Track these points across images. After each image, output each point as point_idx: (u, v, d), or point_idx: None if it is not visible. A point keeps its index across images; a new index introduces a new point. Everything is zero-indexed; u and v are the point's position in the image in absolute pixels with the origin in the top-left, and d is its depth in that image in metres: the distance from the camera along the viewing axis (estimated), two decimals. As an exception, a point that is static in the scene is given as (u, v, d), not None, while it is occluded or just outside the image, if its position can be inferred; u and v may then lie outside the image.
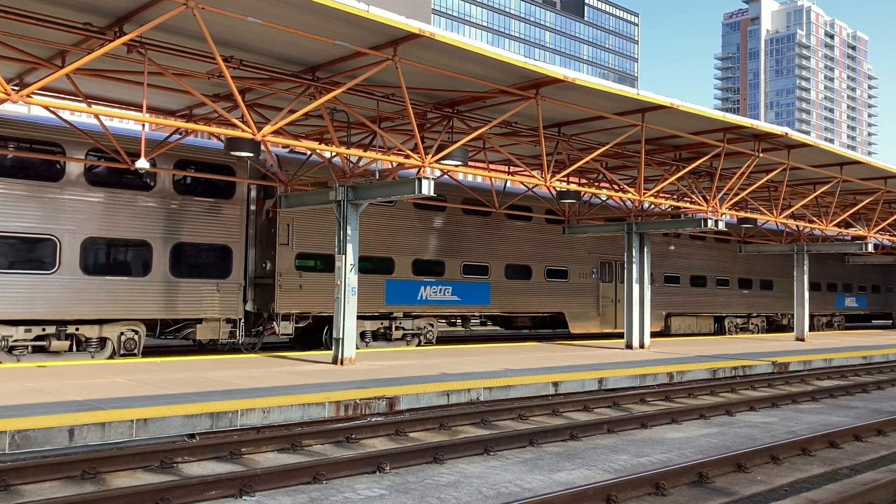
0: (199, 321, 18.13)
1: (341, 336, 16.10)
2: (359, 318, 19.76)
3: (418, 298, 21.97)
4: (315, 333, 21.10)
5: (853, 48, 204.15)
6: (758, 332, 34.49)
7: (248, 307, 19.43)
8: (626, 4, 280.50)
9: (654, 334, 30.06)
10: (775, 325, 36.73)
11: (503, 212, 23.79)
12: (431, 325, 22.41)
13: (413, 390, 12.37)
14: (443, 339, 26.51)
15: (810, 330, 36.48)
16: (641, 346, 23.05)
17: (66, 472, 7.83)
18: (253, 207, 19.72)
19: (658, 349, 22.87)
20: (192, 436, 9.70)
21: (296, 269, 19.54)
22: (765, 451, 9.17)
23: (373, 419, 11.17)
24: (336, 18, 11.76)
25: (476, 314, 23.70)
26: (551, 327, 27.75)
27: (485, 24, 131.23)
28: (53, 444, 8.73)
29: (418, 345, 21.95)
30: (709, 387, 15.43)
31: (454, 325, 24.91)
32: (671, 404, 13.89)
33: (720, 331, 32.83)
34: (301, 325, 20.04)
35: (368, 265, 20.91)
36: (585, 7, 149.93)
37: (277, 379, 13.40)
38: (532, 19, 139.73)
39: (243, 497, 7.36)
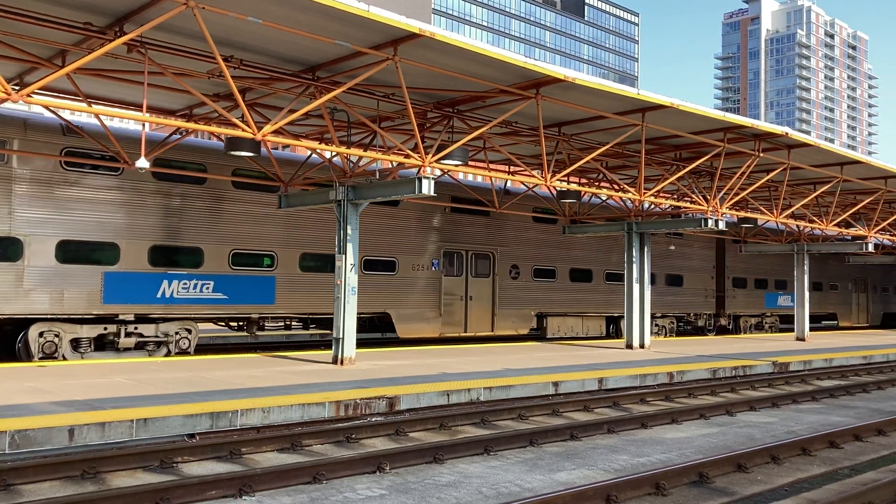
0: None
1: (341, 336, 16.11)
2: (65, 321, 16.30)
3: (159, 296, 17.40)
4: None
5: (853, 48, 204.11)
6: (664, 336, 29.78)
7: None
8: (627, 4, 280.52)
9: (526, 336, 27.29)
10: (691, 327, 32.20)
11: (301, 186, 18.59)
12: (189, 331, 17.93)
13: (413, 390, 12.37)
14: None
15: (735, 332, 33.55)
16: (641, 346, 23.04)
17: (65, 471, 7.82)
18: None
19: (658, 349, 22.87)
20: (192, 436, 9.70)
21: None
22: (765, 451, 9.17)
23: (373, 419, 11.17)
24: (336, 18, 11.76)
25: (255, 315, 18.98)
26: (380, 330, 23.19)
27: (485, 23, 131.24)
28: (53, 444, 8.73)
29: (166, 355, 17.56)
30: (709, 387, 15.42)
31: (241, 328, 19.83)
32: (671, 404, 13.89)
33: (616, 333, 28.29)
34: None
35: (80, 252, 16.53)
36: (585, 7, 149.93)
37: (277, 379, 13.40)
38: (532, 19, 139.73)
39: (243, 497, 7.35)
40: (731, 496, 7.76)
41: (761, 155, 20.21)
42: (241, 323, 19.68)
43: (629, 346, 23.05)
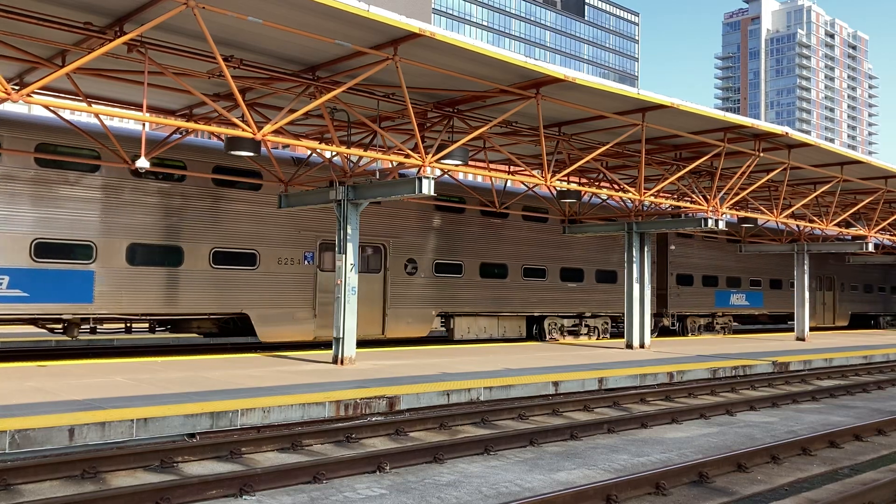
0: None
1: (341, 336, 16.11)
2: None
3: None
4: None
5: (853, 48, 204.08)
6: (597, 338, 27.01)
7: None
8: (627, 4, 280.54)
9: (425, 339, 24.64)
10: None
11: (122, 165, 16.45)
12: None
13: (413, 390, 12.37)
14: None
15: (682, 334, 30.65)
16: (641, 345, 23.05)
17: (65, 471, 7.82)
18: None
19: (658, 349, 22.86)
20: (192, 435, 9.70)
21: None
22: (765, 450, 9.17)
23: (373, 419, 11.18)
24: (336, 18, 11.76)
25: (67, 316, 16.17)
26: (242, 333, 19.93)
27: (485, 23, 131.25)
28: (53, 444, 8.73)
29: None
30: (709, 386, 15.42)
31: (61, 330, 16.95)
32: (671, 404, 13.89)
33: (539, 335, 25.44)
34: None
35: None
36: (586, 6, 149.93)
37: (277, 378, 13.40)
38: (532, 19, 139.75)
39: (243, 496, 7.35)
40: (731, 496, 7.76)
41: (761, 155, 20.21)
42: (56, 325, 16.76)
43: (629, 345, 23.05)
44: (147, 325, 19.01)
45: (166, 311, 17.33)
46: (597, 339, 26.86)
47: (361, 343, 21.88)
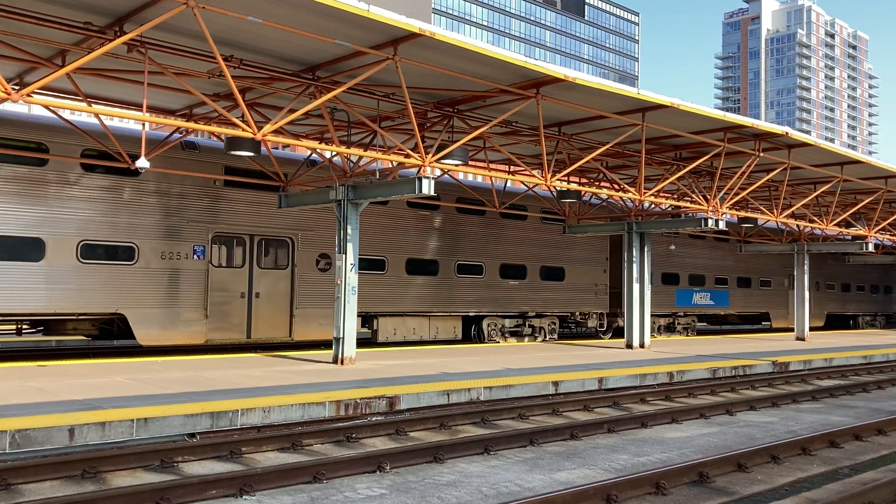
0: None
1: (341, 336, 16.11)
2: None
3: None
4: None
5: (854, 48, 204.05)
6: (541, 339, 25.22)
7: None
8: (627, 4, 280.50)
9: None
10: (581, 330, 27.65)
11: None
12: None
13: (413, 390, 12.37)
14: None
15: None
16: (641, 345, 23.05)
17: (66, 471, 7.82)
18: None
19: (658, 349, 22.87)
20: (192, 435, 9.70)
21: None
22: (765, 450, 9.17)
23: (373, 419, 11.17)
24: (336, 18, 11.76)
25: None
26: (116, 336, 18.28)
27: (485, 23, 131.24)
28: (54, 444, 8.73)
29: None
30: (709, 386, 15.42)
31: None
32: (671, 404, 13.89)
33: (478, 336, 23.76)
34: None
35: None
36: (586, 6, 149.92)
37: (278, 378, 13.40)
38: (532, 19, 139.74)
39: (244, 496, 7.35)
40: (731, 496, 7.76)
41: (761, 155, 20.22)
42: None
43: (629, 345, 23.05)
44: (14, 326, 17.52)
45: (26, 311, 15.79)
46: (542, 340, 25.00)
47: (268, 347, 20.72)
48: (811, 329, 37.54)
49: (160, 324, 17.32)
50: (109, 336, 18.20)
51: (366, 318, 21.22)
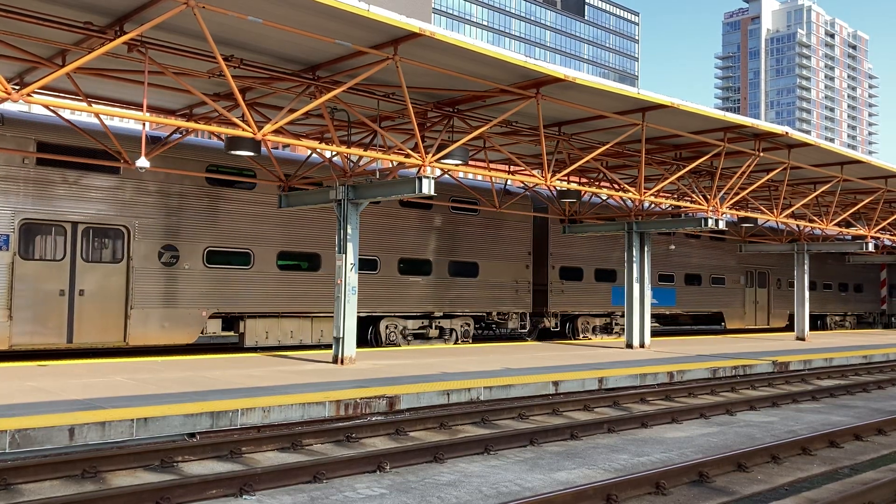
0: None
1: (341, 335, 16.12)
2: None
3: None
4: None
5: (854, 47, 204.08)
6: (454, 342, 22.89)
7: None
8: (627, 4, 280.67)
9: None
10: (498, 331, 25.28)
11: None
12: None
13: (413, 389, 12.37)
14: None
15: (572, 336, 26.67)
16: (641, 345, 23.05)
17: (66, 471, 7.82)
18: None
19: (658, 349, 22.87)
20: (192, 435, 9.70)
21: None
22: (765, 450, 9.17)
23: (373, 418, 11.18)
24: (337, 18, 11.76)
25: None
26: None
27: (485, 23, 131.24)
28: (53, 443, 8.73)
29: None
30: (709, 386, 15.43)
31: None
32: (671, 404, 13.89)
33: (374, 339, 21.18)
34: None
35: None
36: (586, 6, 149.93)
37: (278, 378, 13.41)
38: (532, 18, 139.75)
39: (244, 496, 7.35)
40: (731, 496, 7.76)
41: (761, 154, 20.21)
42: None
43: (629, 345, 23.05)
44: None
45: None
46: (454, 343, 22.80)
47: (98, 353, 18.76)
48: (770, 329, 35.66)
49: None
50: None
51: (229, 321, 18.67)
